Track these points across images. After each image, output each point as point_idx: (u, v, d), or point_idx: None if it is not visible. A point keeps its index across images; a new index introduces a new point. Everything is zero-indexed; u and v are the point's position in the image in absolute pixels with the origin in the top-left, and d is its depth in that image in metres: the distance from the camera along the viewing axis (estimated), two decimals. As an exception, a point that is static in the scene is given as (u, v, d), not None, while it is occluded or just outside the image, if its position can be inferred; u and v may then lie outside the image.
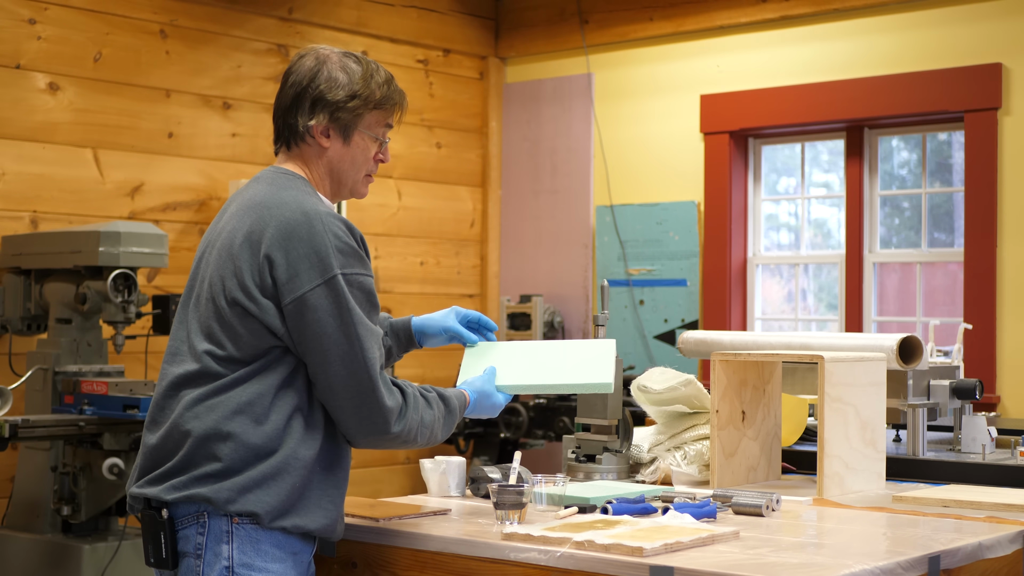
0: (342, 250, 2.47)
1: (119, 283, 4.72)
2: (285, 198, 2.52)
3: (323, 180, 2.64)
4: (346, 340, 2.45)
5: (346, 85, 2.59)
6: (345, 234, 2.49)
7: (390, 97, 2.64)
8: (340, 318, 2.45)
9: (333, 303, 2.45)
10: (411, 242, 6.79)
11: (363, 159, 2.65)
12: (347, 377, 2.45)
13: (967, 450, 3.55)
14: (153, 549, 2.48)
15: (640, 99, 6.71)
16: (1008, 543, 2.62)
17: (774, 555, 2.34)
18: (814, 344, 3.51)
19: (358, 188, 2.68)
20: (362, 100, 2.60)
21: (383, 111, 2.64)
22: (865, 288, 6.14)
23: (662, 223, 6.60)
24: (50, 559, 4.71)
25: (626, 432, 3.21)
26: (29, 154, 5.31)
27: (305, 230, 2.47)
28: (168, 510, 2.46)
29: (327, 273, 2.45)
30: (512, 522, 2.61)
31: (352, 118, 2.60)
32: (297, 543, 2.49)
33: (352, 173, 2.65)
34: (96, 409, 4.62)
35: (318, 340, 2.45)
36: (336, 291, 2.45)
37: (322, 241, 2.46)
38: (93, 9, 5.52)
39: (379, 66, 2.66)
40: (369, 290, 2.51)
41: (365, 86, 2.60)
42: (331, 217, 2.50)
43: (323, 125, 2.59)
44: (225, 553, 2.43)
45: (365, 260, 2.52)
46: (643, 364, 6.48)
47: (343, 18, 6.46)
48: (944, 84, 5.74)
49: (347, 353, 2.45)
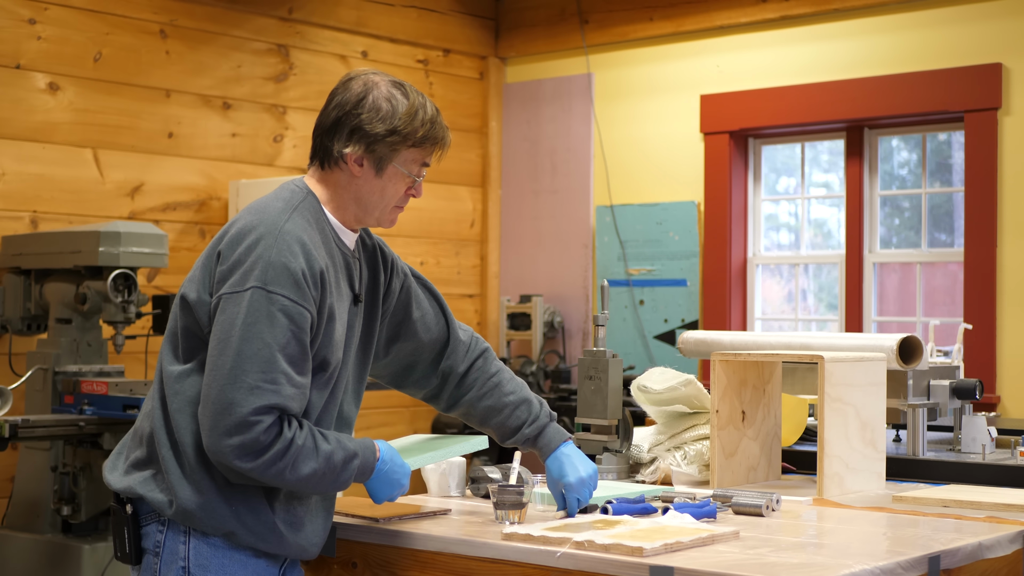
0: (276, 267, 2.39)
1: (119, 283, 4.72)
2: (268, 206, 2.49)
3: (349, 205, 2.58)
4: (230, 352, 2.35)
5: (388, 118, 2.52)
6: (292, 257, 2.40)
7: (431, 137, 2.56)
8: (236, 329, 2.35)
9: (238, 313, 2.36)
10: (411, 242, 6.79)
11: (393, 193, 2.58)
12: (214, 388, 2.35)
13: (967, 450, 3.55)
14: (118, 543, 2.51)
15: (640, 99, 6.71)
16: (1008, 543, 2.62)
17: (774, 555, 2.34)
18: (814, 344, 3.51)
19: (384, 218, 2.61)
20: (401, 136, 2.53)
21: (421, 150, 2.56)
22: (865, 288, 6.14)
23: (662, 223, 6.60)
24: (50, 559, 4.71)
25: (626, 432, 3.21)
26: (29, 154, 5.31)
27: (255, 238, 2.42)
28: (132, 505, 2.48)
29: (246, 283, 2.38)
30: (512, 522, 2.61)
31: (388, 152, 2.54)
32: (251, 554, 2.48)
33: (380, 204, 2.58)
34: (96, 409, 4.62)
35: (212, 342, 2.39)
36: (247, 303, 2.37)
37: (262, 253, 2.40)
38: (93, 9, 5.52)
39: (427, 101, 2.58)
40: (293, 318, 2.38)
41: (407, 123, 2.53)
42: (291, 237, 2.43)
43: (358, 154, 2.53)
44: (182, 553, 2.44)
45: (303, 289, 2.40)
46: (643, 364, 6.48)
47: (343, 18, 6.46)
48: (944, 84, 5.74)
49: (224, 365, 2.35)
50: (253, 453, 2.34)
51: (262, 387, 2.34)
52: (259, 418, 2.33)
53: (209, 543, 2.44)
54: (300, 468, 2.38)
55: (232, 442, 2.33)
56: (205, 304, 2.44)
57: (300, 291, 2.40)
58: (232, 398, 2.33)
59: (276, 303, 2.37)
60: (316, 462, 2.40)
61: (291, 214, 2.48)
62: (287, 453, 2.36)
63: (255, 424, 2.33)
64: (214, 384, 2.35)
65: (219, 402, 2.34)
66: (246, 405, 2.33)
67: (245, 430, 2.33)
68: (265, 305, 2.37)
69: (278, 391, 2.35)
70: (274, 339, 2.36)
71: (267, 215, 2.47)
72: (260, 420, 2.33)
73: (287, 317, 2.38)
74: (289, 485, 2.42)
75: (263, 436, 2.33)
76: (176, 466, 2.43)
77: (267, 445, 2.34)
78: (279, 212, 2.47)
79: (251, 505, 2.44)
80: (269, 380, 2.35)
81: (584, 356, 3.24)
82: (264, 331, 2.36)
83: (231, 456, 2.34)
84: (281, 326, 2.37)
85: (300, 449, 2.38)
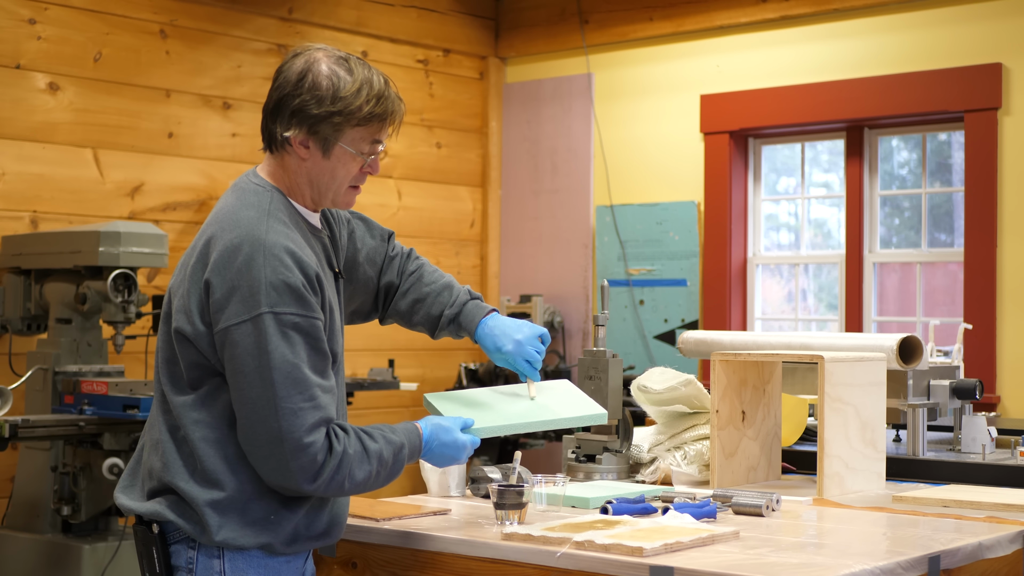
0: (276, 287, 2.32)
1: (119, 283, 4.72)
2: (241, 218, 2.40)
3: (303, 189, 2.49)
4: (260, 383, 2.30)
5: (328, 98, 2.40)
6: (288, 271, 2.34)
7: (378, 115, 2.44)
8: (259, 359, 2.30)
9: (254, 342, 2.31)
10: (411, 242, 6.79)
11: (344, 174, 2.47)
12: (257, 423, 2.31)
13: (967, 450, 3.55)
14: (147, 564, 2.45)
15: (640, 99, 6.71)
16: (1008, 543, 2.62)
17: (774, 555, 2.34)
18: (814, 344, 3.51)
19: (340, 199, 2.51)
20: (344, 116, 2.41)
21: (368, 128, 2.45)
22: (865, 288, 6.14)
23: (662, 223, 6.60)
24: (50, 559, 4.71)
25: (626, 432, 3.21)
26: (29, 154, 5.31)
27: (244, 260, 2.33)
28: (158, 525, 2.43)
29: (254, 310, 2.31)
30: (512, 522, 2.61)
31: (333, 133, 2.42)
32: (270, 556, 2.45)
33: (333, 186, 2.48)
34: (96, 409, 4.62)
35: (235, 378, 2.33)
36: (259, 330, 2.31)
37: (258, 275, 2.32)
38: (93, 9, 5.52)
39: (374, 75, 2.45)
40: (307, 331, 2.34)
41: (350, 101, 2.41)
42: (279, 249, 2.35)
43: (302, 137, 2.43)
44: (217, 567, 2.39)
45: (307, 300, 2.35)
46: (643, 364, 6.48)
47: (343, 18, 6.46)
48: (944, 84, 5.74)
49: (260, 397, 2.30)
50: (314, 474, 2.32)
51: (304, 408, 2.31)
52: (311, 439, 2.31)
53: (244, 556, 2.40)
54: (356, 475, 2.37)
55: (293, 468, 2.30)
56: (204, 336, 2.37)
57: (305, 303, 2.35)
58: (280, 427, 2.30)
59: (288, 323, 2.32)
60: (369, 465, 2.38)
61: (268, 221, 2.39)
62: (342, 465, 2.34)
63: (309, 446, 2.31)
64: (254, 419, 2.32)
65: (268, 435, 2.31)
66: (296, 430, 2.30)
67: (302, 454, 2.30)
68: (278, 328, 2.32)
69: (318, 405, 2.33)
70: (298, 358, 2.33)
71: (245, 228, 2.37)
72: (313, 440, 2.31)
73: (301, 333, 2.34)
74: (349, 493, 2.41)
75: (320, 456, 2.32)
76: (204, 495, 2.37)
77: (324, 463, 2.32)
78: (255, 222, 2.39)
79: (285, 514, 2.40)
80: (308, 399, 2.32)
81: (584, 356, 3.24)
82: (286, 353, 2.32)
83: (299, 483, 2.32)
84: (299, 343, 2.34)
85: (352, 457, 2.36)
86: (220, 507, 2.36)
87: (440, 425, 2.54)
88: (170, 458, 2.40)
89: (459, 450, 2.54)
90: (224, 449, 2.37)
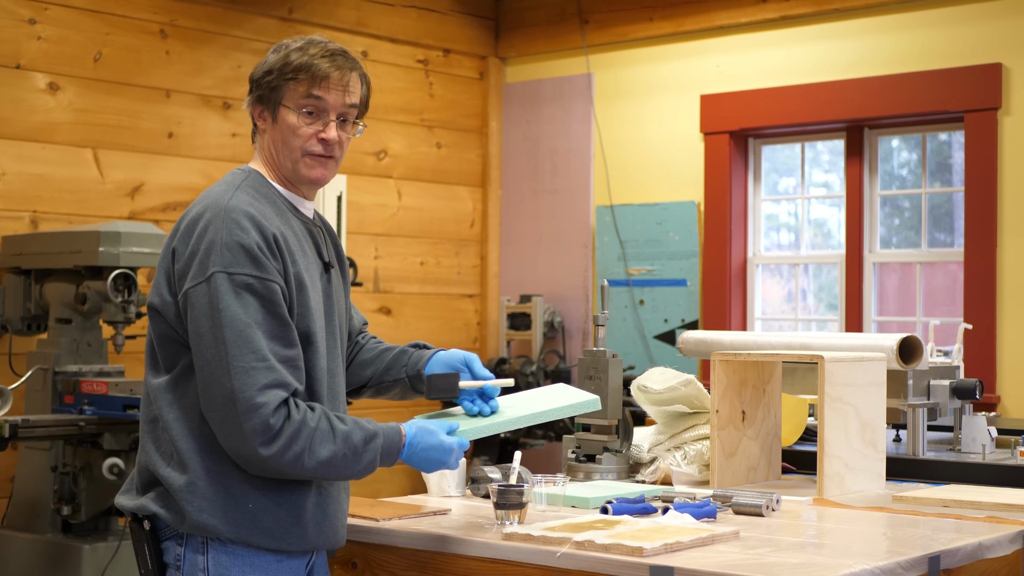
0: (230, 247, 2.33)
1: (119, 283, 4.72)
2: (212, 191, 2.45)
3: (273, 165, 2.52)
4: (213, 343, 2.31)
5: (267, 62, 2.48)
6: (244, 232, 2.35)
7: (304, 65, 2.44)
8: (211, 319, 2.31)
9: (208, 302, 2.32)
10: (411, 242, 6.79)
11: (292, 136, 2.47)
12: (213, 384, 2.31)
13: (967, 450, 3.55)
14: (141, 561, 2.46)
15: (640, 99, 6.71)
16: (1008, 543, 2.62)
17: (774, 555, 2.34)
18: (814, 344, 3.51)
19: (299, 170, 2.49)
20: (276, 73, 2.45)
21: (298, 81, 2.44)
22: (865, 288, 6.14)
23: (662, 223, 6.60)
24: (50, 559, 4.71)
25: (626, 432, 3.21)
26: (29, 154, 5.31)
27: (203, 224, 2.37)
28: (149, 522, 2.44)
29: (206, 271, 2.33)
30: (512, 522, 2.61)
31: (271, 94, 2.47)
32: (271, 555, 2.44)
33: (287, 153, 2.48)
34: (96, 409, 4.62)
35: (193, 341, 2.34)
36: (212, 290, 2.32)
37: (214, 237, 2.34)
38: (93, 9, 5.52)
39: (323, 42, 2.49)
40: (260, 293, 2.33)
41: (283, 59, 2.45)
42: (238, 213, 2.36)
43: (257, 108, 2.50)
44: (201, 564, 2.39)
45: (262, 262, 2.35)
46: (643, 364, 6.48)
47: (343, 18, 6.46)
48: (944, 84, 5.74)
49: (214, 357, 2.31)
50: (269, 438, 2.29)
51: (256, 367, 2.30)
52: (264, 399, 2.29)
53: (228, 551, 2.39)
54: (318, 451, 2.33)
55: (247, 429, 2.29)
56: (171, 305, 2.39)
57: (260, 265, 2.35)
58: (231, 387, 2.29)
59: (240, 283, 2.33)
60: (334, 444, 2.35)
61: (234, 191, 2.42)
62: (300, 435, 2.31)
63: (262, 406, 2.29)
64: (210, 380, 2.32)
65: (220, 395, 2.30)
66: (247, 389, 2.29)
67: (254, 414, 2.29)
68: (231, 287, 2.32)
69: (271, 367, 2.31)
70: (250, 318, 2.32)
71: (212, 199, 2.41)
72: (266, 402, 2.29)
73: (255, 295, 2.34)
74: (312, 472, 2.36)
75: (272, 419, 2.30)
76: (179, 479, 2.37)
77: (279, 428, 2.30)
78: (221, 193, 2.43)
79: (263, 504, 2.39)
80: (260, 359, 2.31)
81: (584, 356, 3.24)
82: (238, 312, 2.32)
83: (254, 447, 2.29)
84: (251, 305, 2.33)
85: (314, 431, 2.33)
86: (195, 490, 2.36)
87: (425, 427, 2.50)
88: (149, 447, 2.43)
89: (446, 452, 2.50)
90: (195, 430, 2.38)
